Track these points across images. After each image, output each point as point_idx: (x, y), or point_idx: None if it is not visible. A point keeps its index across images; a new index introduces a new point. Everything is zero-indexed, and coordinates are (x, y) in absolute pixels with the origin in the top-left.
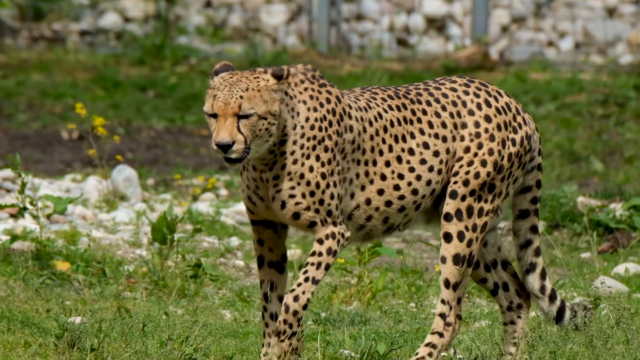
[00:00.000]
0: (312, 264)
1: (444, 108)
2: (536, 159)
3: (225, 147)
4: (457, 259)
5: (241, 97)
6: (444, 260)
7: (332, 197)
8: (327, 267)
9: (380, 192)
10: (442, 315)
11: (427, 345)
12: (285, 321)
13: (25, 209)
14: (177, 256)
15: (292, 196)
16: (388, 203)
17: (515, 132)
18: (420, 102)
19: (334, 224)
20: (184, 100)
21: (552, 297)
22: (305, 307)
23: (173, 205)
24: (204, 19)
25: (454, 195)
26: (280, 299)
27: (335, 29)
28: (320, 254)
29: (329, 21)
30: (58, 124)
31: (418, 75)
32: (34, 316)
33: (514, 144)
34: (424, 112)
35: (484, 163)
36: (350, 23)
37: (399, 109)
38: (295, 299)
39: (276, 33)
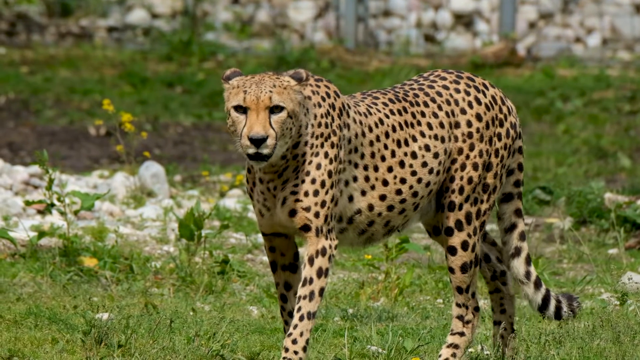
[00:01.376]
0: (305, 297)
1: (439, 107)
2: (516, 141)
3: (259, 142)
4: (465, 268)
5: (271, 91)
6: (452, 271)
7: (332, 198)
8: (322, 292)
9: (383, 197)
10: (460, 317)
11: (449, 346)
12: (285, 358)
13: (52, 205)
14: (204, 252)
15: (294, 193)
16: (390, 208)
17: (502, 125)
18: (418, 104)
19: (327, 234)
20: (211, 97)
21: (538, 284)
22: (305, 348)
23: (200, 201)
24: (231, 15)
25: (452, 207)
26: (294, 295)
27: (362, 25)
28: (311, 281)
29: (357, 17)
30: (85, 120)
31: None
32: (62, 312)
33: (500, 139)
34: (422, 114)
35: (475, 166)
36: (378, 19)
37: (400, 113)
38: (294, 342)
39: (304, 29)
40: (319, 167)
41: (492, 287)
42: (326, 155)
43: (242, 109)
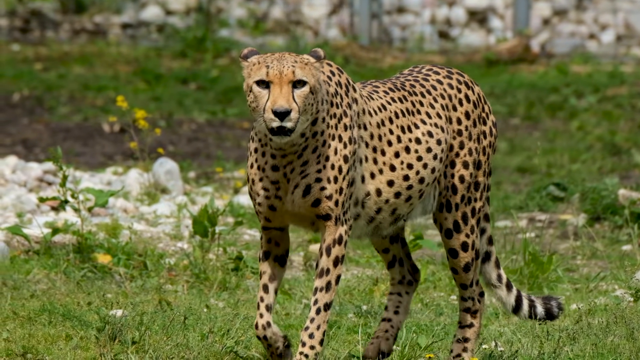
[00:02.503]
0: (322, 289)
1: (435, 100)
2: (495, 141)
3: (282, 115)
4: (468, 267)
5: (294, 65)
6: (455, 271)
7: (349, 184)
8: (338, 279)
9: (390, 183)
10: (467, 310)
11: (459, 341)
12: (301, 353)
13: (66, 202)
14: (218, 249)
15: (318, 180)
16: (397, 194)
17: (485, 123)
18: (416, 94)
19: (344, 222)
20: (225, 93)
21: (509, 286)
22: (321, 341)
23: (214, 198)
24: (245, 11)
25: (448, 207)
26: (276, 291)
27: (376, 21)
28: (328, 272)
29: (371, 14)
30: (99, 116)
31: (459, 68)
32: (75, 309)
33: (485, 137)
34: (421, 104)
35: (465, 165)
36: (392, 16)
37: (400, 101)
38: (311, 336)
39: (318, 26)
40: (336, 152)
41: (396, 289)
42: (340, 138)
43: (264, 84)
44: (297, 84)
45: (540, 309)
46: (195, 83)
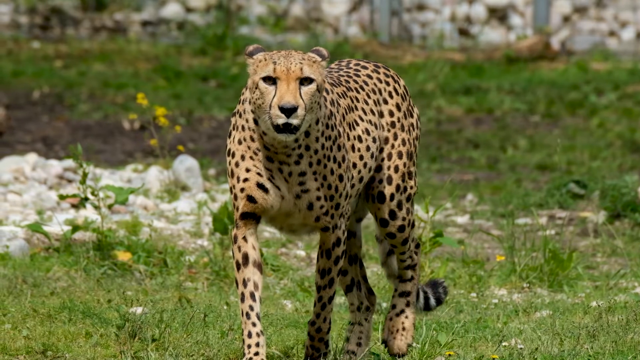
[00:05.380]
0: (325, 287)
1: (368, 95)
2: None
3: (289, 111)
4: (406, 241)
5: (301, 62)
6: (394, 246)
7: (347, 193)
8: (339, 273)
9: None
10: (407, 267)
11: (402, 295)
12: (312, 346)
13: (86, 199)
14: None
15: (319, 198)
16: (348, 196)
17: (412, 116)
18: (352, 90)
19: (340, 226)
20: None
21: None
22: (328, 330)
23: None
24: (265, 9)
25: (382, 198)
26: (260, 299)
27: (396, 19)
28: (329, 271)
29: (391, 11)
30: (119, 114)
31: (479, 65)
32: (95, 306)
33: (413, 128)
34: (357, 100)
35: (400, 155)
36: (412, 13)
37: (344, 96)
38: (318, 330)
39: (338, 23)
40: (334, 160)
41: (356, 318)
42: (335, 141)
43: (271, 80)
44: (304, 81)
45: (432, 301)
46: (215, 80)
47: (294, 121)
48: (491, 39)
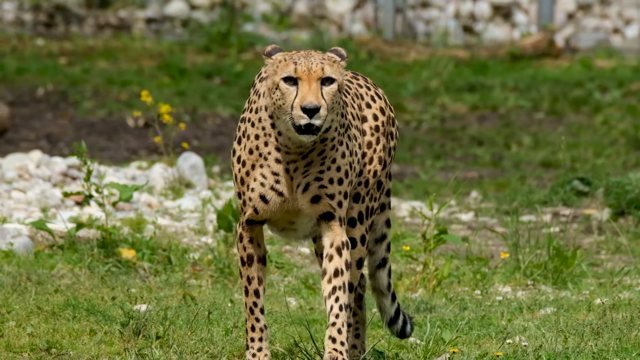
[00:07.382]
0: (340, 288)
1: (353, 99)
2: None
3: (312, 111)
4: (360, 263)
5: (322, 62)
6: (348, 266)
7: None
8: (351, 287)
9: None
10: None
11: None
12: (335, 349)
13: (91, 196)
14: None
15: (318, 179)
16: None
17: (393, 125)
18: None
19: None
20: (249, 88)
21: (394, 298)
22: (347, 337)
23: None
24: (270, 6)
25: (357, 198)
26: (264, 290)
27: (401, 16)
28: (342, 272)
29: (395, 8)
30: (124, 111)
31: (483, 62)
32: (100, 304)
33: (392, 138)
34: (345, 103)
35: (380, 160)
36: (416, 10)
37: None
38: (339, 332)
39: (342, 20)
40: (343, 155)
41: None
42: (348, 139)
43: (292, 80)
44: (326, 81)
45: (408, 329)
46: (219, 78)
47: (317, 122)
48: (495, 36)
